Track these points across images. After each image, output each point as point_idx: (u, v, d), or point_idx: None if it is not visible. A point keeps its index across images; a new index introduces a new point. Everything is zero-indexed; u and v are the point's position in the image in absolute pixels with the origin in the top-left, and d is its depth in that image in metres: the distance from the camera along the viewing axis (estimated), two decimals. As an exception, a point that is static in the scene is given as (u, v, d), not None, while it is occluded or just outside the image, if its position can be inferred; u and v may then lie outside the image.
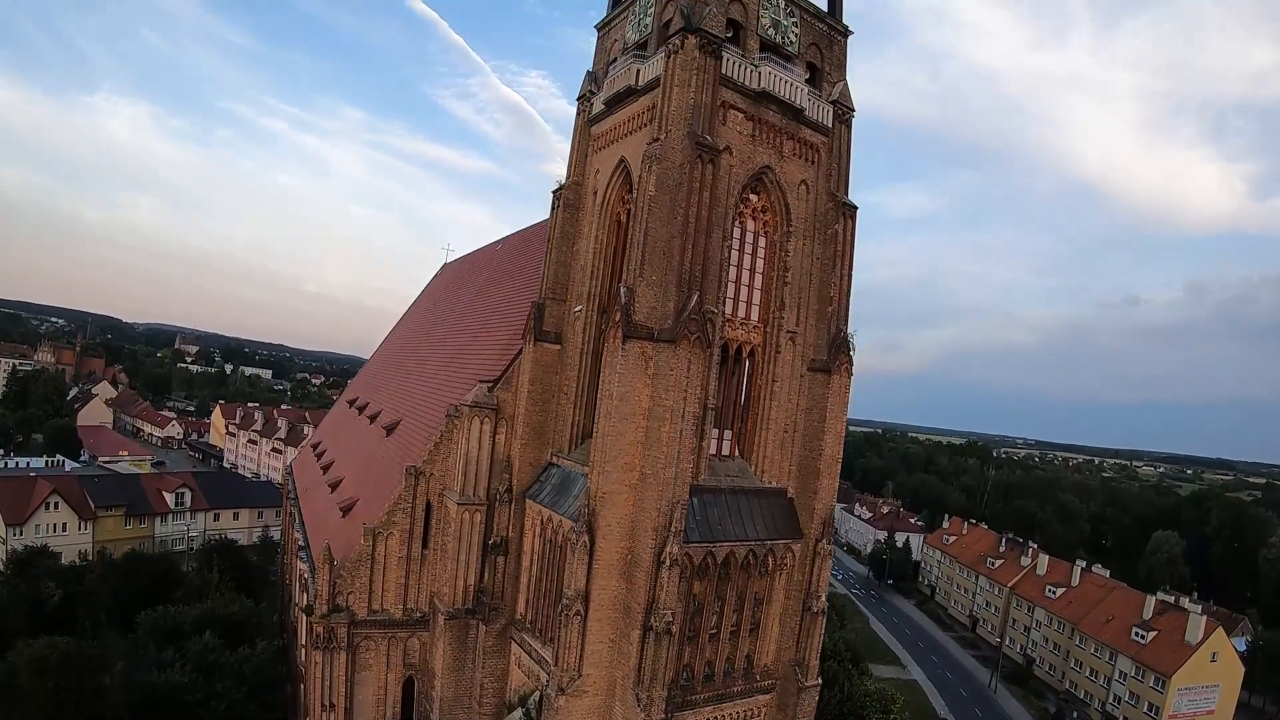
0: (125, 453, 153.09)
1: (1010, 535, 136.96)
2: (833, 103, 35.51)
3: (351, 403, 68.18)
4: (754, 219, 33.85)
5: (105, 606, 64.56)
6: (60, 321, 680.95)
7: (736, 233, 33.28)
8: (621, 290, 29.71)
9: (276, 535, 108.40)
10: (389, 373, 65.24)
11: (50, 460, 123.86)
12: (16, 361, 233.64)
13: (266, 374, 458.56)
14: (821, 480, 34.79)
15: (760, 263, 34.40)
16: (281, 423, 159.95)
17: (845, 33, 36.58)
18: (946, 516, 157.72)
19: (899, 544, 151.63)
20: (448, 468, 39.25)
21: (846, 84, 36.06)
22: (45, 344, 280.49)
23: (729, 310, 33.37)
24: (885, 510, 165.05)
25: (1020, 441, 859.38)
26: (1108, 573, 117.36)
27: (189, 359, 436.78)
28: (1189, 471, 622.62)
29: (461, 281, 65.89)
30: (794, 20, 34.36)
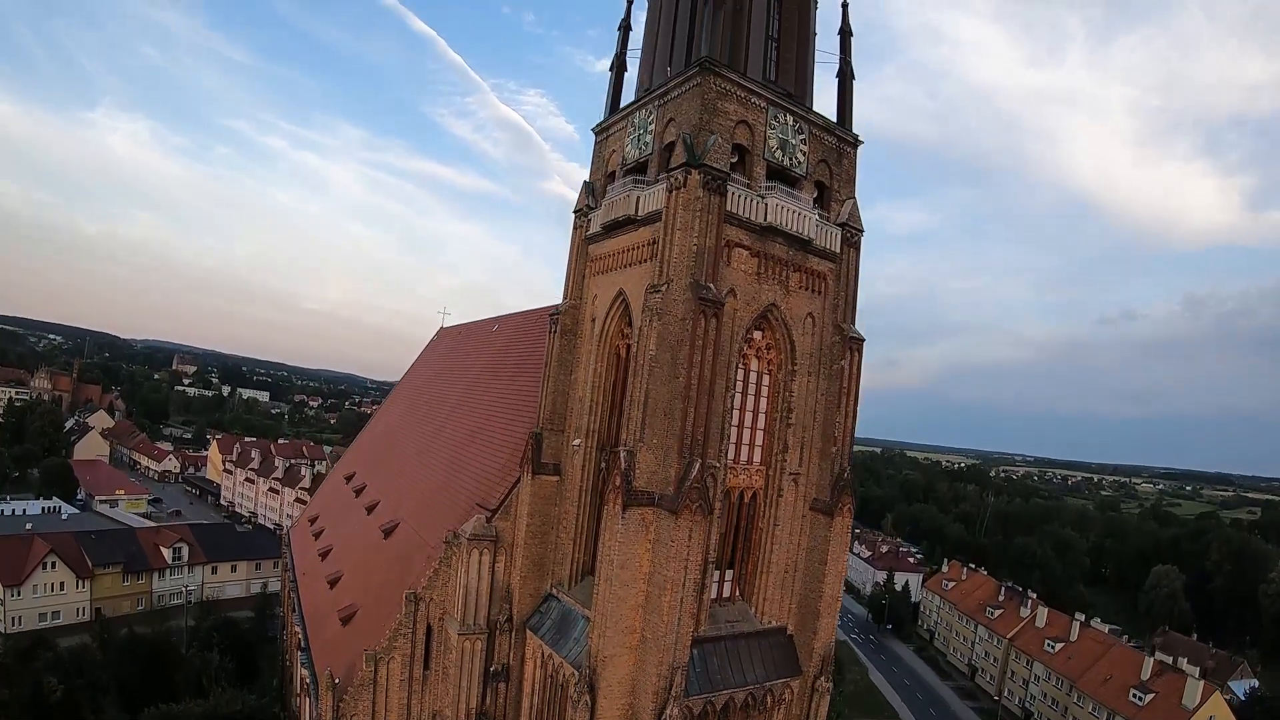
0: (122, 491, 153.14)
1: (1009, 584, 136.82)
2: (841, 225, 34.99)
3: (348, 479, 67.93)
4: (758, 358, 33.39)
5: (107, 692, 64.41)
6: (58, 339, 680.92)
7: (740, 374, 32.71)
8: (621, 454, 29.49)
9: (275, 585, 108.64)
10: (387, 454, 64.99)
11: (47, 507, 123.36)
12: (13, 393, 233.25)
13: (264, 396, 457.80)
14: (821, 620, 34.38)
15: (763, 403, 33.92)
16: (278, 461, 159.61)
17: (855, 143, 35.94)
18: (946, 561, 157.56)
19: (899, 586, 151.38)
20: (447, 593, 39.02)
21: (855, 202, 35.48)
22: (42, 370, 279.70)
23: (731, 456, 32.89)
24: (885, 549, 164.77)
25: (1019, 459, 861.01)
26: (1107, 628, 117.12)
27: (186, 381, 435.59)
28: (1188, 488, 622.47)
29: (458, 360, 65.81)
30: (802, 137, 33.52)
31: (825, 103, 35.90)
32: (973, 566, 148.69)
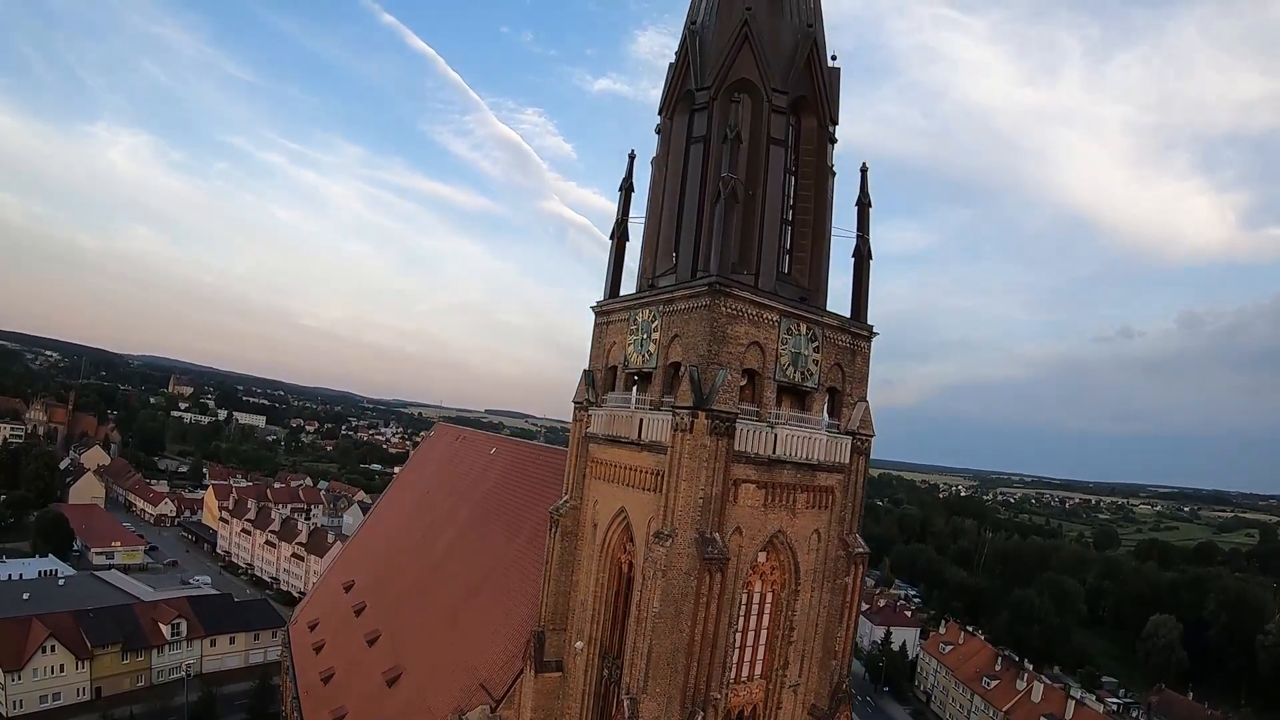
0: (118, 543, 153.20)
1: (1006, 652, 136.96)
2: (850, 433, 34.62)
3: (347, 588, 67.64)
4: (761, 580, 33.28)
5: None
6: (55, 355, 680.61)
7: (743, 598, 32.34)
8: (625, 701, 29.50)
9: (274, 654, 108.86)
10: (386, 573, 64.66)
11: (43, 570, 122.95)
12: (8, 430, 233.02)
13: (260, 421, 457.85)
14: (824, 829, 34.34)
15: (766, 620, 33.69)
16: (275, 515, 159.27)
17: (870, 336, 35.50)
18: (944, 621, 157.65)
19: (897, 643, 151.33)
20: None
21: (868, 405, 35.22)
22: (38, 401, 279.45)
23: (732, 676, 32.66)
24: (882, 603, 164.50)
25: (1016, 479, 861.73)
26: (1104, 679, 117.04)
27: (183, 405, 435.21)
28: (1185, 510, 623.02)
29: (455, 481, 65.66)
30: (815, 345, 32.87)
31: (838, 268, 35.67)
32: (970, 630, 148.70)
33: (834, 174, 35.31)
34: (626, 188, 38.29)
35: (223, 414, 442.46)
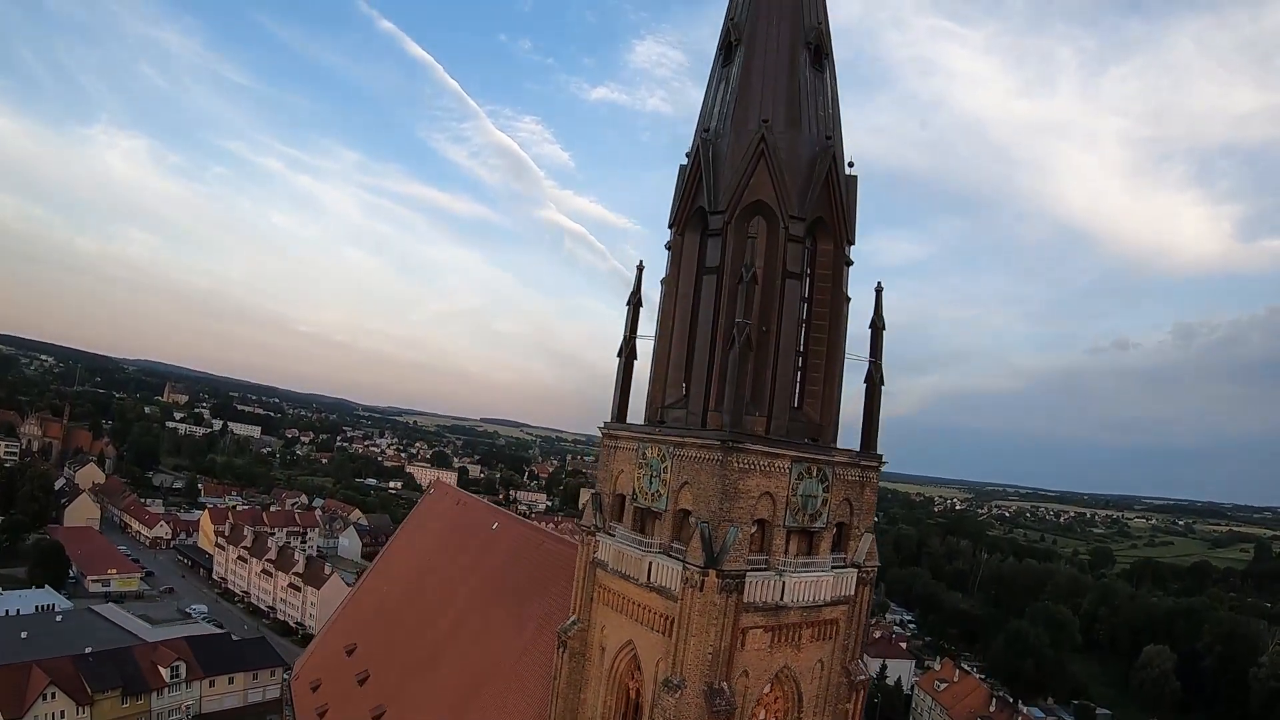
0: (114, 571, 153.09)
1: (1001, 694, 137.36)
2: (856, 565, 34.50)
3: (349, 652, 67.64)
4: (764, 709, 33.31)
5: None
6: (49, 360, 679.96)
7: (747, 728, 32.43)
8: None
9: (273, 693, 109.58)
10: (388, 638, 64.72)
11: (41, 605, 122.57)
12: (3, 447, 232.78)
13: (256, 432, 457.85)
14: None
15: (769, 749, 33.83)
16: (270, 544, 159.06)
17: (879, 465, 35.31)
18: (939, 657, 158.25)
19: (892, 678, 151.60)
20: None
21: (873, 537, 35.14)
22: (33, 416, 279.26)
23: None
24: (878, 634, 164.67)
25: (1012, 491, 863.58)
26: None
27: (178, 416, 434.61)
28: (1180, 524, 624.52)
29: (454, 554, 65.61)
30: (825, 485, 32.62)
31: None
32: (965, 668, 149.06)
33: (849, 300, 35.45)
34: (635, 302, 38.24)
35: (218, 424, 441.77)
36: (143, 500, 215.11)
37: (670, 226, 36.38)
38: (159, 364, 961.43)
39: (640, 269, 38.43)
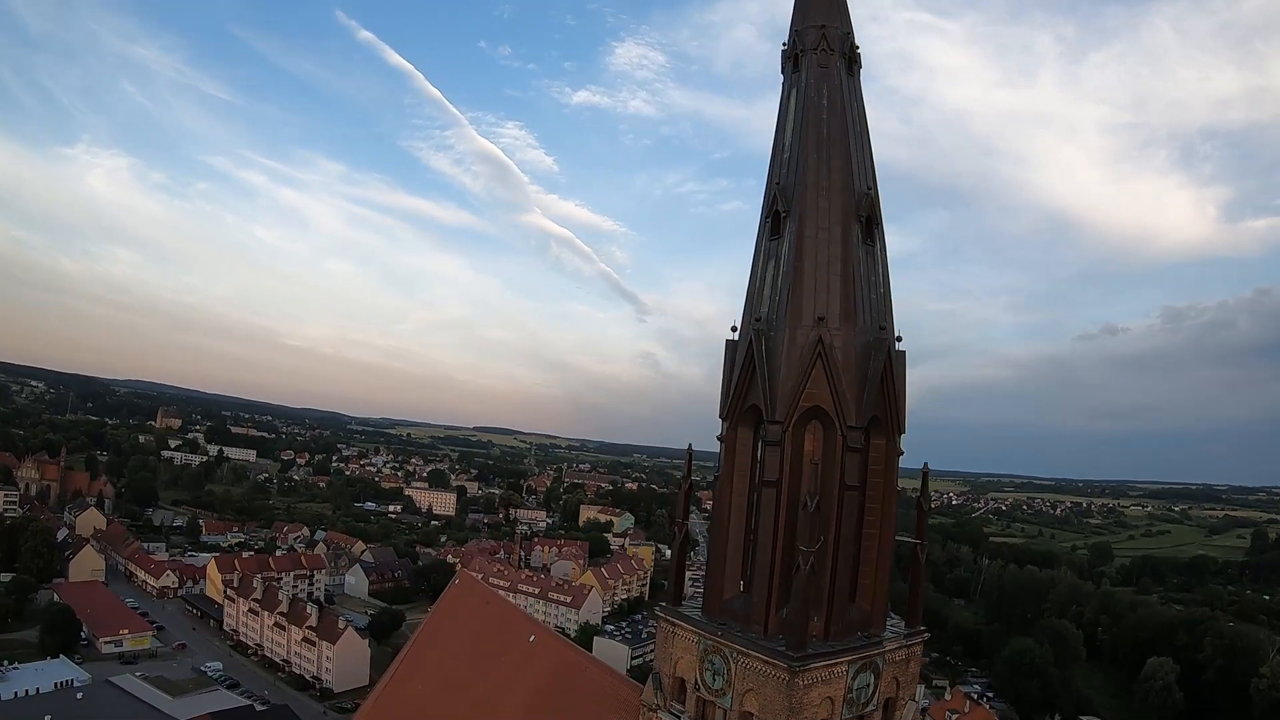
0: (126, 631, 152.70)
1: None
2: None
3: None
4: None
5: None
6: (40, 386, 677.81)
7: None
8: None
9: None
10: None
11: (59, 681, 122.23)
12: (2, 496, 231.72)
13: (251, 456, 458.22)
14: None
15: None
16: (281, 596, 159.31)
17: (922, 635, 35.65)
18: (949, 687, 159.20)
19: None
20: None
21: (916, 703, 35.22)
22: (29, 460, 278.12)
23: None
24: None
25: (1007, 481, 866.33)
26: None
27: (173, 443, 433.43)
28: (1176, 510, 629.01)
29: (491, 666, 65.64)
30: (877, 674, 33.24)
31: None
32: (974, 697, 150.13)
33: (898, 491, 35.73)
34: (687, 489, 38.59)
35: (213, 449, 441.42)
36: (146, 547, 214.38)
37: (721, 417, 36.52)
38: (150, 384, 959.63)
39: (690, 452, 38.82)
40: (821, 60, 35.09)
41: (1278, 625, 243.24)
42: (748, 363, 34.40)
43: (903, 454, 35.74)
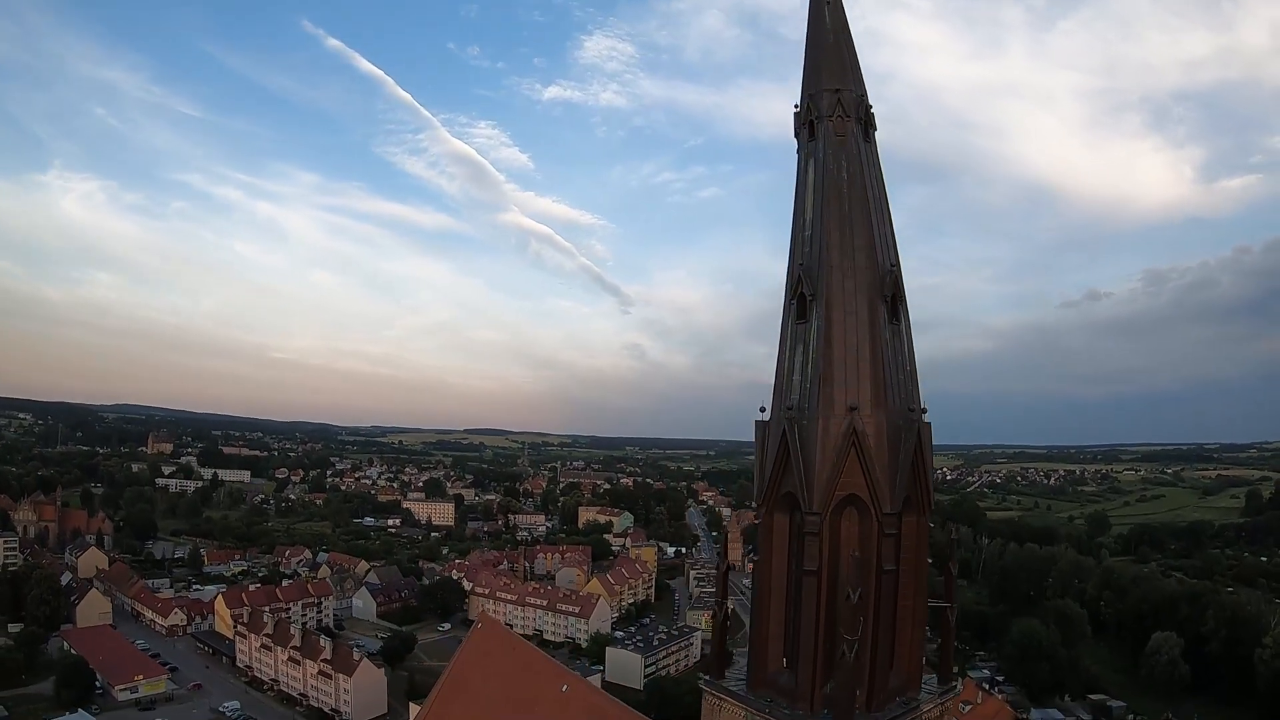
0: (140, 677, 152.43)
1: (1023, 718, 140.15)
2: None
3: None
4: None
5: None
6: (27, 418, 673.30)
7: None
8: None
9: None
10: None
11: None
12: (2, 543, 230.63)
13: (245, 476, 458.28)
14: None
15: None
16: (294, 630, 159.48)
17: (955, 689, 36.77)
18: (960, 677, 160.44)
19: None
20: None
21: None
22: (25, 501, 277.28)
23: None
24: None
25: (1000, 452, 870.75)
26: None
27: (166, 470, 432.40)
28: (1168, 472, 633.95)
29: (527, 711, 66.06)
30: None
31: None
32: (985, 687, 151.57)
33: (930, 561, 36.54)
34: (724, 571, 39.26)
35: (207, 473, 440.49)
36: (151, 584, 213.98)
37: (757, 502, 37.18)
38: (137, 407, 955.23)
39: (725, 535, 39.53)
40: (838, 128, 34.99)
41: (1277, 588, 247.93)
42: (781, 452, 34.95)
43: (932, 525, 36.56)
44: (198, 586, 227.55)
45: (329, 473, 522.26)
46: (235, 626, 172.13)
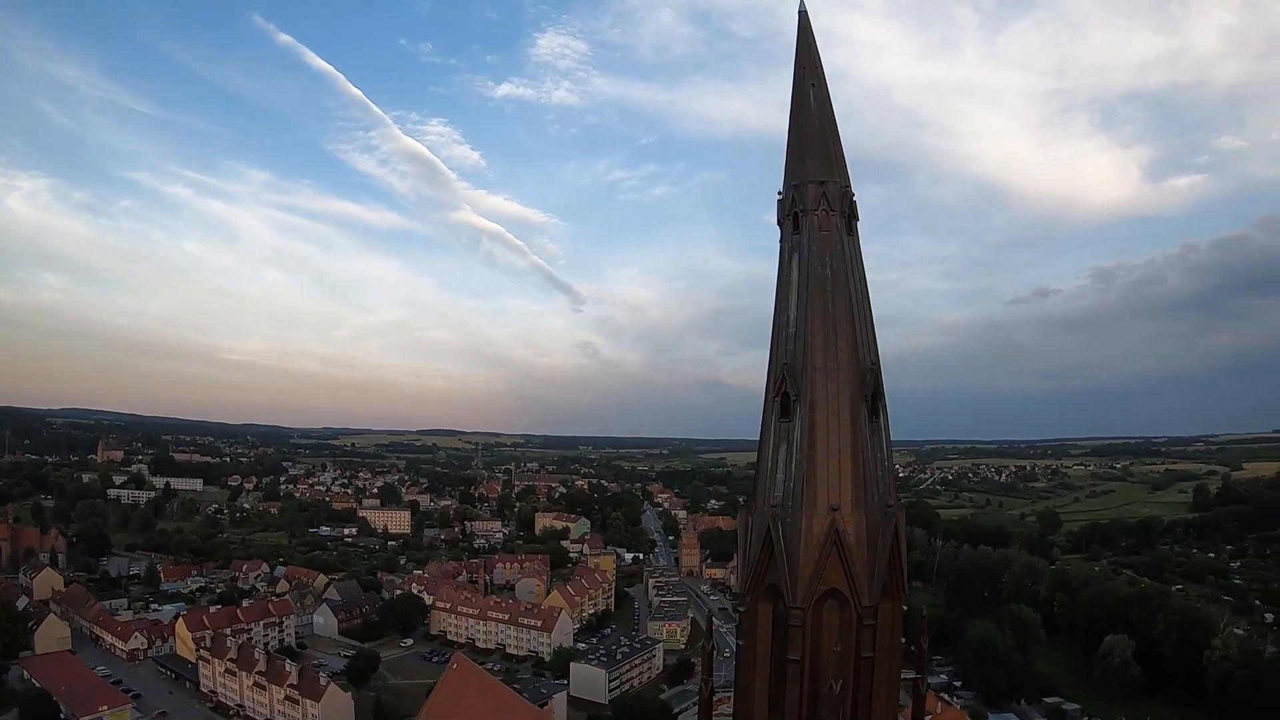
0: (105, 707, 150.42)
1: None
2: None
3: None
4: None
5: None
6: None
7: None
8: None
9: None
10: None
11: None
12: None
13: (198, 485, 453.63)
14: None
15: None
16: (258, 655, 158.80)
17: None
18: (915, 676, 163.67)
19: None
20: None
21: None
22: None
23: None
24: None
25: (952, 448, 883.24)
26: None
27: (117, 480, 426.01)
28: (1117, 467, 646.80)
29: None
30: None
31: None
32: (945, 697, 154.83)
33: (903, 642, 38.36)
34: (709, 651, 40.71)
35: (159, 482, 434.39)
36: (109, 606, 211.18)
37: (741, 594, 38.77)
38: (86, 410, 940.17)
39: (710, 620, 40.99)
40: (822, 223, 35.35)
41: (1224, 585, 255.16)
42: (766, 547, 36.58)
43: (906, 608, 38.31)
44: (156, 606, 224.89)
45: (282, 479, 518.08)
46: (198, 650, 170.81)
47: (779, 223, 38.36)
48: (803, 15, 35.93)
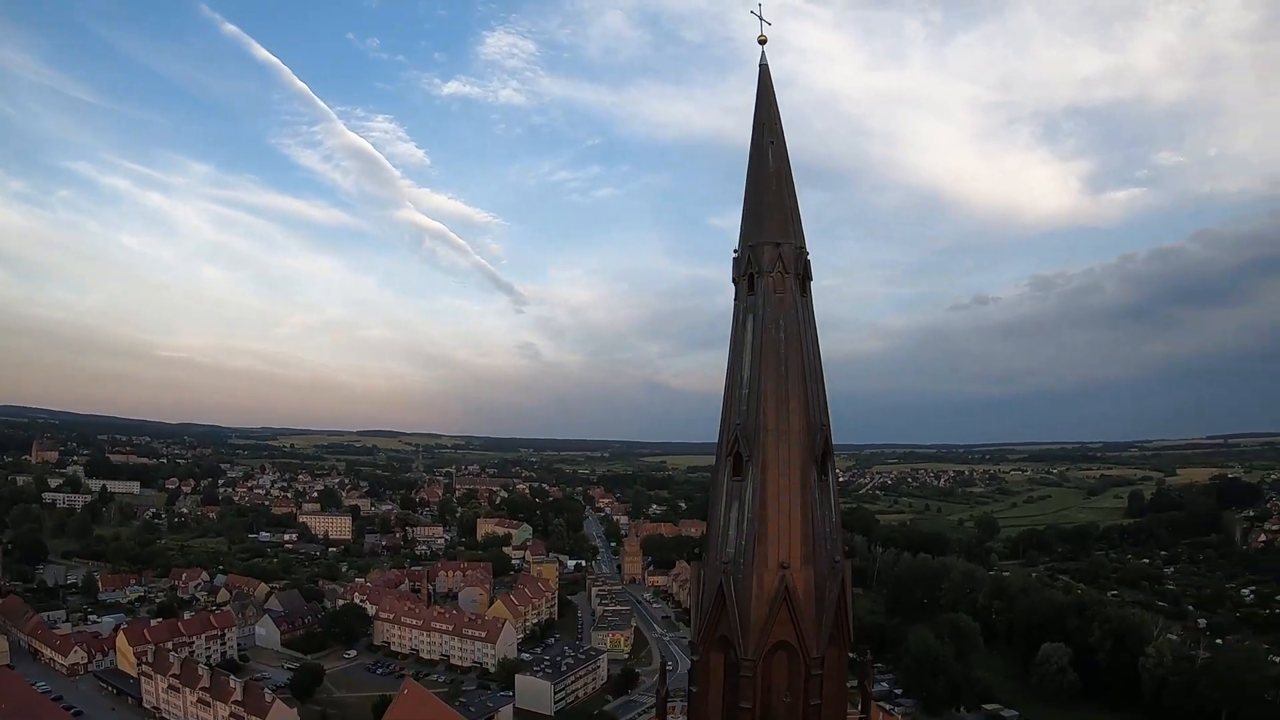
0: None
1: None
2: None
3: None
4: None
5: None
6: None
7: None
8: None
9: None
10: None
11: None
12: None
13: (135, 488, 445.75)
14: None
15: None
16: (202, 670, 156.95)
17: None
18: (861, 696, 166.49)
19: None
20: None
21: None
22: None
23: None
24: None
25: (890, 452, 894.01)
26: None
27: (52, 483, 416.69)
28: (1054, 472, 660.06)
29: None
30: None
31: None
32: (886, 708, 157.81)
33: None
34: (664, 695, 42.05)
35: (95, 485, 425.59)
36: (47, 618, 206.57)
37: (694, 646, 40.25)
38: (19, 408, 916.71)
39: (664, 667, 42.27)
40: (777, 284, 34.83)
41: (1158, 591, 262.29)
42: (718, 601, 38.08)
43: (853, 655, 40.08)
44: (95, 617, 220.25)
45: (221, 482, 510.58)
46: (139, 665, 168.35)
47: (734, 281, 39.51)
48: (763, 69, 36.53)
